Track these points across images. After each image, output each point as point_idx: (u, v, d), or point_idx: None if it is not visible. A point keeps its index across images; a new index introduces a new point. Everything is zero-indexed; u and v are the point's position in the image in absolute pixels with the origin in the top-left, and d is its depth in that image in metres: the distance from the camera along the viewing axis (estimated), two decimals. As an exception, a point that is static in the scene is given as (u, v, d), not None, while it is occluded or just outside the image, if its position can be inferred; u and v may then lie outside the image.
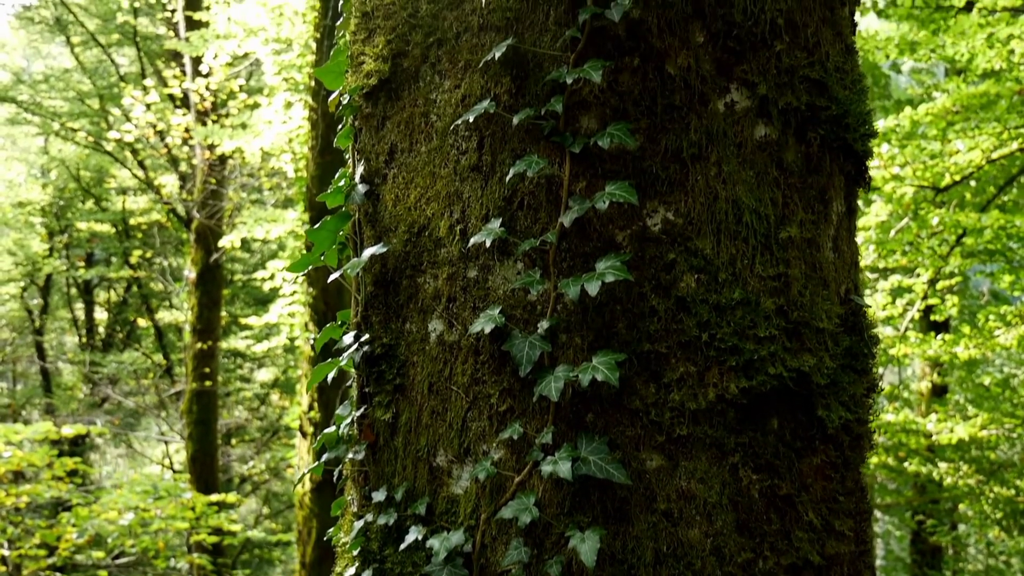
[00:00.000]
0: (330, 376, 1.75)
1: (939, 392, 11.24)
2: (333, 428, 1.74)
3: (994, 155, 8.29)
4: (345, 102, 1.75)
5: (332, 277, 1.74)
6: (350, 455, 1.68)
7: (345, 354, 1.70)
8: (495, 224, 1.52)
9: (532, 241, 1.50)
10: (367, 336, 1.67)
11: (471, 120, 1.52)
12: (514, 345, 1.49)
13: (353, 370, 1.70)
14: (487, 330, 1.49)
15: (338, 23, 1.91)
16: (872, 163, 8.50)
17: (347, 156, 1.81)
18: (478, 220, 1.55)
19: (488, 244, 1.50)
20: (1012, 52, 7.63)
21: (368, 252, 1.65)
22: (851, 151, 1.63)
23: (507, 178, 1.51)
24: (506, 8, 1.54)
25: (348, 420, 1.70)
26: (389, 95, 1.68)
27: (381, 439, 1.65)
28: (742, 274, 1.49)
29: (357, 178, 1.72)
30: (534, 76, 1.52)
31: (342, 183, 1.74)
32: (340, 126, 1.82)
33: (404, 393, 1.62)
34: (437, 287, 1.60)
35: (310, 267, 1.83)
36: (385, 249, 1.64)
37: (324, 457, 1.72)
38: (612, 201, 1.44)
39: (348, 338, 1.72)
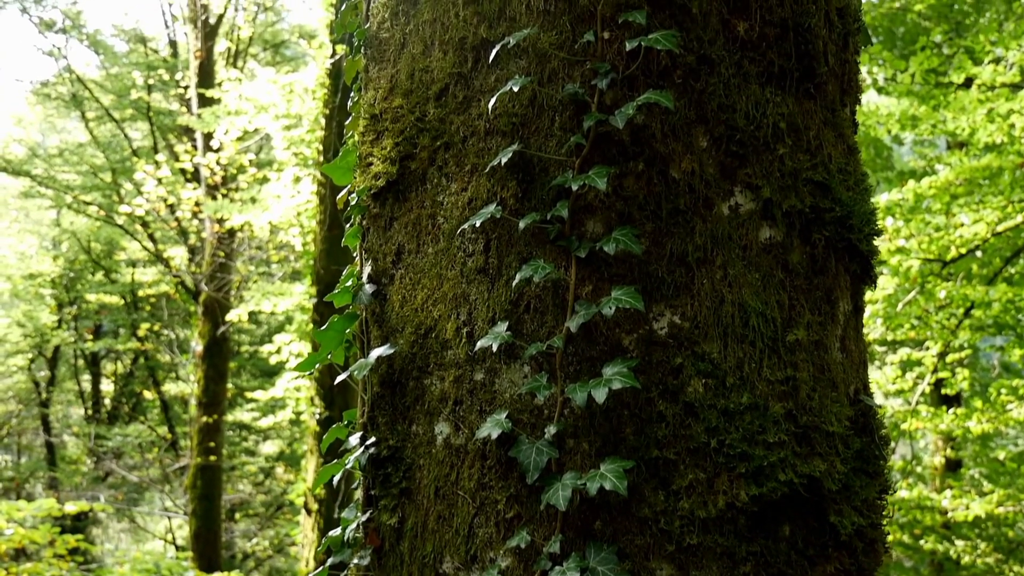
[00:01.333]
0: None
1: (953, 467, 11.07)
2: (338, 531, 1.72)
3: (999, 228, 8.32)
4: (353, 202, 1.77)
5: (339, 378, 1.74)
6: (355, 560, 1.65)
7: (351, 456, 1.68)
8: (501, 327, 1.52)
9: (539, 345, 1.49)
10: (373, 438, 1.66)
11: (477, 224, 1.53)
12: (521, 451, 1.47)
13: (359, 472, 1.68)
14: (494, 435, 1.48)
15: (347, 122, 1.95)
16: (877, 237, 8.52)
17: (355, 255, 1.82)
18: (484, 323, 1.55)
19: (495, 348, 1.50)
20: (1013, 126, 7.71)
21: (375, 353, 1.65)
22: (856, 251, 1.63)
23: (513, 283, 1.51)
24: (512, 113, 1.57)
25: (354, 524, 1.67)
26: (397, 196, 1.69)
27: (387, 544, 1.62)
28: (750, 378, 1.48)
29: (364, 278, 1.73)
30: (540, 180, 1.54)
31: (349, 283, 1.74)
32: (348, 224, 1.84)
33: (410, 497, 1.60)
34: (444, 389, 1.59)
35: (317, 363, 1.83)
36: (392, 350, 1.64)
37: (329, 562, 1.69)
38: (618, 307, 1.44)
39: (354, 439, 1.71)
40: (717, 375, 1.47)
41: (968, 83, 8.07)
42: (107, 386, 22.37)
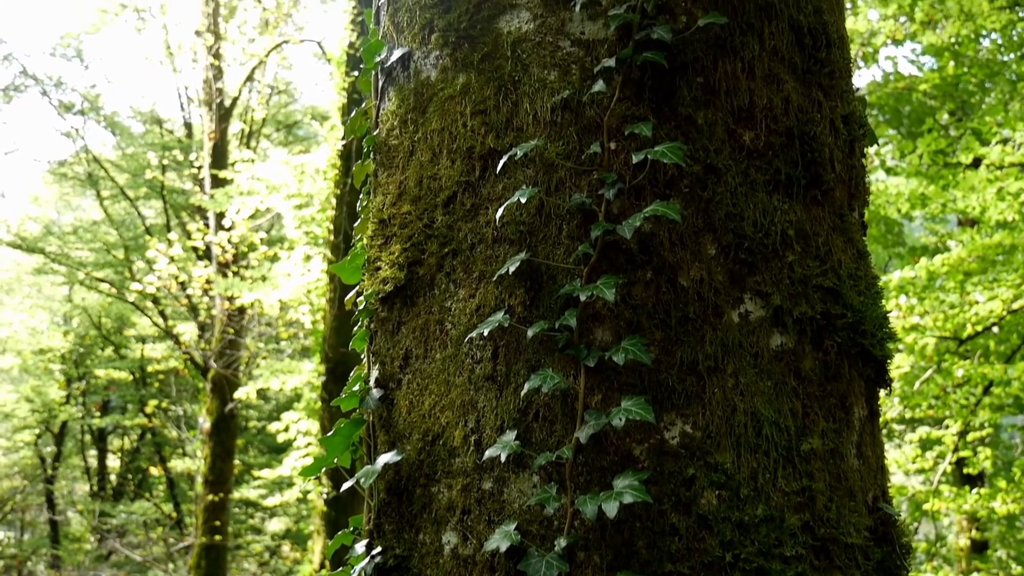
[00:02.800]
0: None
1: (980, 548, 10.80)
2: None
3: (1015, 305, 8.27)
4: (361, 306, 1.77)
5: (345, 486, 1.71)
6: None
7: (357, 566, 1.64)
8: (510, 436, 1.50)
9: (548, 455, 1.47)
10: (379, 547, 1.63)
11: (485, 332, 1.53)
12: (531, 564, 1.43)
13: (364, 583, 1.64)
14: (503, 547, 1.45)
15: (356, 224, 1.96)
16: (892, 313, 8.50)
17: (363, 357, 1.81)
18: (493, 431, 1.53)
19: (503, 457, 1.48)
20: (1024, 205, 7.73)
21: (382, 460, 1.63)
22: (870, 356, 1.61)
23: (522, 392, 1.50)
24: (519, 222, 1.57)
25: (358, 638, 1.63)
26: (404, 301, 1.69)
27: (392, 660, 1.58)
28: (765, 489, 1.45)
29: (372, 382, 1.72)
30: (548, 288, 1.54)
31: (356, 387, 1.73)
32: (356, 327, 1.83)
33: (416, 611, 1.56)
34: (451, 498, 1.56)
35: (324, 467, 1.81)
36: (399, 457, 1.62)
37: None
38: (628, 418, 1.42)
39: (360, 547, 1.68)
40: (731, 486, 1.44)
41: (976, 163, 8.13)
42: (113, 462, 22.21)
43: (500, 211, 1.56)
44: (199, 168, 14.47)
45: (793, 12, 1.67)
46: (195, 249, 14.13)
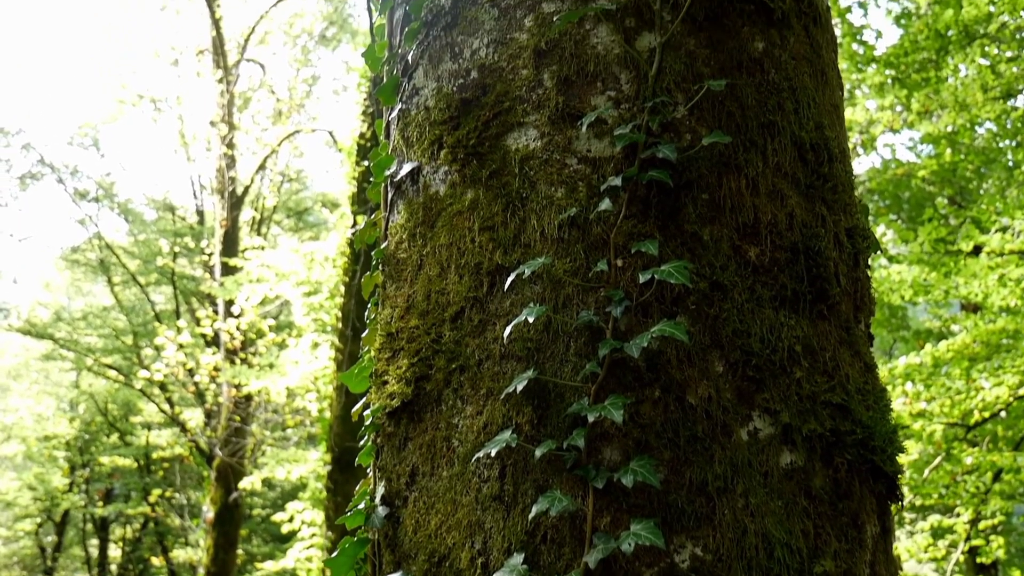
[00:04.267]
0: None
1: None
2: None
3: (1021, 391, 8.21)
4: (368, 420, 1.76)
5: (349, 607, 1.68)
6: None
7: None
8: (517, 559, 1.47)
9: (556, 579, 1.44)
10: (383, 672, 1.58)
11: (493, 452, 1.52)
12: None
13: None
14: (510, 676, 1.41)
15: (363, 335, 1.97)
16: (897, 400, 8.43)
17: (369, 472, 1.80)
18: (500, 553, 1.50)
19: (511, 581, 1.45)
20: (1026, 291, 7.74)
21: (387, 580, 1.60)
22: (881, 472, 1.59)
23: (530, 515, 1.48)
24: (527, 339, 1.58)
25: None
26: (411, 416, 1.68)
27: None
28: (778, 615, 1.42)
29: (378, 499, 1.70)
30: (555, 407, 1.53)
31: (362, 504, 1.71)
32: (362, 441, 1.82)
33: None
34: (458, 621, 1.52)
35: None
36: (404, 578, 1.59)
37: None
38: (637, 542, 1.40)
39: (363, 671, 1.63)
40: (743, 612, 1.41)
41: (977, 250, 8.17)
42: (114, 552, 21.82)
43: (508, 329, 1.56)
44: (210, 255, 14.62)
45: (795, 128, 1.70)
46: (203, 336, 14.16)
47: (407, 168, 1.84)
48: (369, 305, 1.98)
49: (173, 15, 18.46)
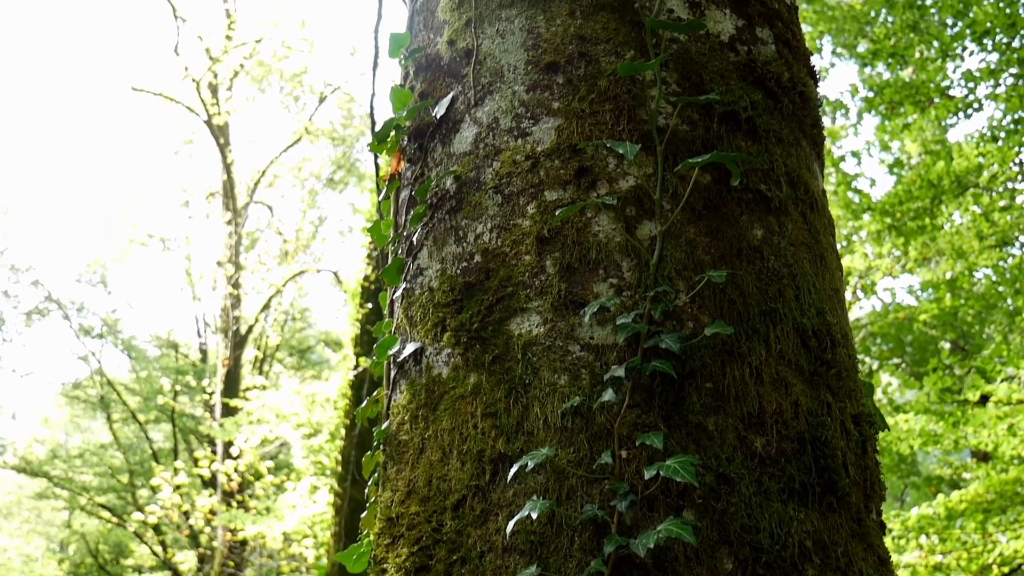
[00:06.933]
0: None
1: None
2: None
3: (1040, 544, 7.97)
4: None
5: None
6: None
7: None
8: None
9: None
10: None
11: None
12: None
13: None
14: None
15: (363, 515, 1.93)
16: (912, 553, 8.18)
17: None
18: None
19: None
20: (1036, 440, 7.64)
21: None
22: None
23: None
24: (530, 531, 1.54)
25: None
26: (410, 610, 1.62)
27: None
28: None
29: None
30: (560, 606, 1.48)
31: None
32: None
33: None
34: None
35: None
36: None
37: None
38: None
39: None
40: None
41: (984, 400, 8.12)
42: None
43: (511, 524, 1.53)
44: (211, 394, 14.55)
45: (796, 315, 1.71)
46: (200, 476, 13.92)
47: (410, 348, 1.84)
48: (369, 484, 1.94)
49: (186, 158, 19.09)
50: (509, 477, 1.58)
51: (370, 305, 10.67)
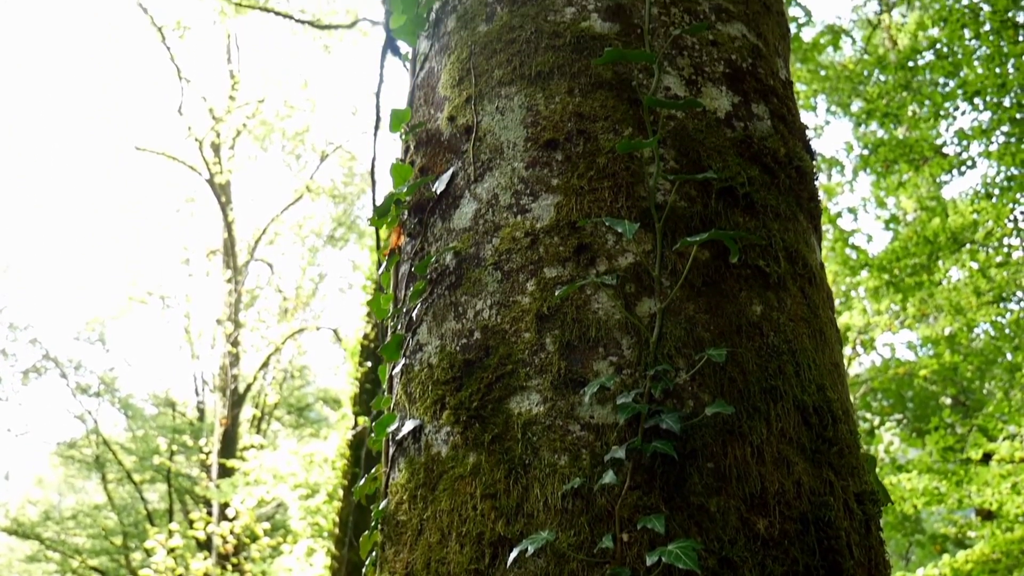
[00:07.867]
0: None
1: None
2: None
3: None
4: None
5: None
6: None
7: None
8: None
9: None
10: None
11: None
12: None
13: None
14: None
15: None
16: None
17: None
18: None
19: None
20: (1041, 500, 7.57)
21: None
22: None
23: None
24: (531, 617, 1.51)
25: None
26: None
27: None
28: None
29: None
30: None
31: None
32: None
33: None
34: None
35: None
36: None
37: None
38: None
39: None
40: None
41: (987, 458, 8.06)
42: None
43: (510, 611, 1.50)
44: (208, 454, 14.42)
45: (797, 392, 1.70)
46: (196, 538, 13.72)
47: (409, 426, 1.83)
48: (367, 564, 1.91)
49: (187, 216, 19.19)
50: (509, 561, 1.56)
51: (369, 364, 10.64)
